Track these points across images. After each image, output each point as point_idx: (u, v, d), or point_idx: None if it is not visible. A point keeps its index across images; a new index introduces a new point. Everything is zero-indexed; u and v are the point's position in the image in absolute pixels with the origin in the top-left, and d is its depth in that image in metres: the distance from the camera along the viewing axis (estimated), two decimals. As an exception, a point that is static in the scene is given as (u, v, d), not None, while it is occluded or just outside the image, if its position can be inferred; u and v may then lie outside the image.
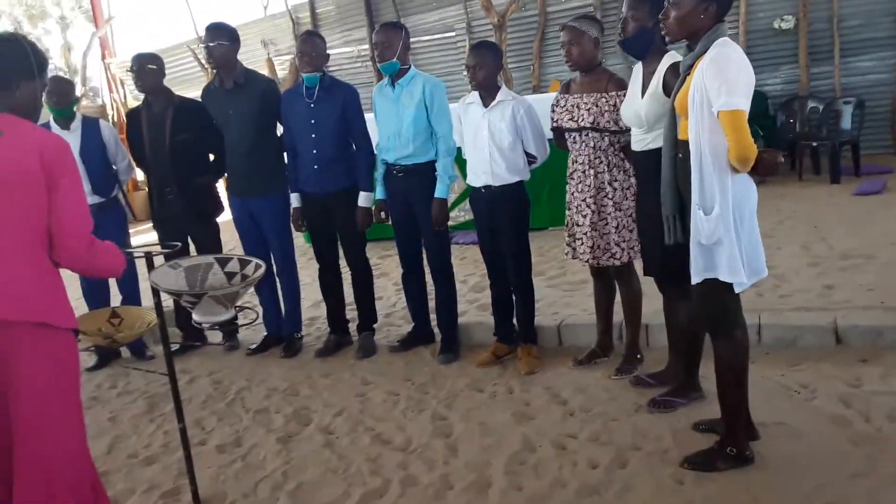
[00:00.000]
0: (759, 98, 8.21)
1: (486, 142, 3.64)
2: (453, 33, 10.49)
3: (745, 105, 2.31)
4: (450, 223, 6.67)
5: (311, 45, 3.92)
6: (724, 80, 2.31)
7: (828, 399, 3.01)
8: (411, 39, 11.09)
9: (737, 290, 2.49)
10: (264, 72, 11.21)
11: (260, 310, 4.16)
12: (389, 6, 10.79)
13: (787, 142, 8.41)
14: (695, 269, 2.52)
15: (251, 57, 11.84)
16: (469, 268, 5.51)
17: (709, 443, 2.71)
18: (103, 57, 12.68)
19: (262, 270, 2.61)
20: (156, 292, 2.54)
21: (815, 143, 7.83)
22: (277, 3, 11.98)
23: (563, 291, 4.80)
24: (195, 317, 2.52)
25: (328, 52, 4.11)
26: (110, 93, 12.24)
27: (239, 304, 2.65)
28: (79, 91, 11.98)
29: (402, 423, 3.26)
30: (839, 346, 3.51)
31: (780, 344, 3.60)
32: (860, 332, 3.50)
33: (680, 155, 2.59)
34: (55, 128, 4.30)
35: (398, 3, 10.74)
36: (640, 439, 2.88)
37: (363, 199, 3.97)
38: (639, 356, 3.59)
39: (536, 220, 6.13)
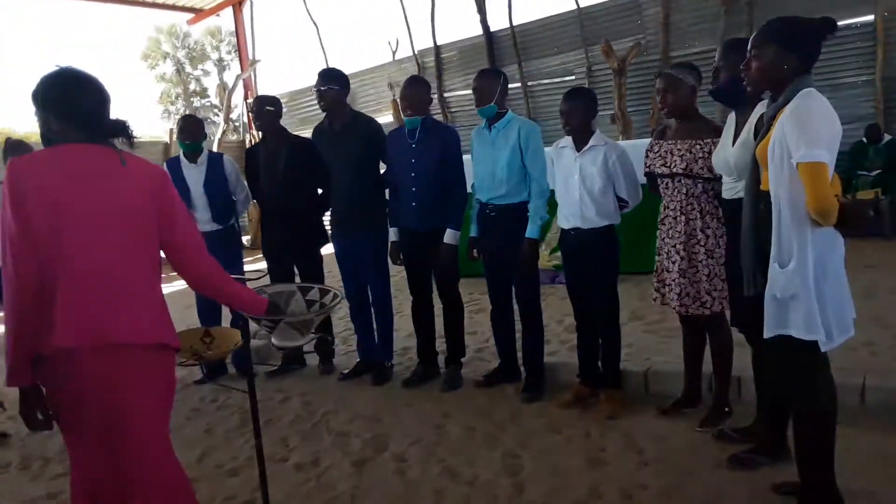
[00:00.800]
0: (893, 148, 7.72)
1: (577, 185, 3.66)
2: (573, 77, 10.58)
3: (826, 157, 2.23)
4: (556, 262, 6.72)
5: (411, 90, 4.11)
6: (804, 131, 2.24)
7: (930, 472, 2.78)
8: (531, 83, 11.35)
9: (822, 349, 2.37)
10: (389, 112, 11.72)
11: (338, 338, 4.30)
12: (511, 51, 11.04)
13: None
14: (767, 324, 2.43)
15: (378, 98, 12.43)
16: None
17: (787, 506, 2.57)
18: (246, 97, 13.69)
19: (338, 300, 2.75)
20: (240, 316, 2.73)
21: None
22: (405, 48, 12.53)
23: (659, 337, 4.69)
24: (273, 341, 2.69)
25: (444, 94, 4.29)
26: (249, 129, 13.16)
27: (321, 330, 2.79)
28: (222, 128, 13.02)
29: (474, 458, 3.29)
30: (952, 415, 3.23)
31: (885, 408, 3.34)
32: (978, 402, 3.21)
33: (762, 205, 2.52)
34: (184, 161, 4.72)
35: (520, 48, 10.96)
36: (714, 497, 2.77)
37: (449, 236, 4.08)
38: (727, 409, 3.44)
39: (643, 263, 6.03)
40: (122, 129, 2.13)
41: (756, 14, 8.94)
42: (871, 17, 8.44)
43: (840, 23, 8.62)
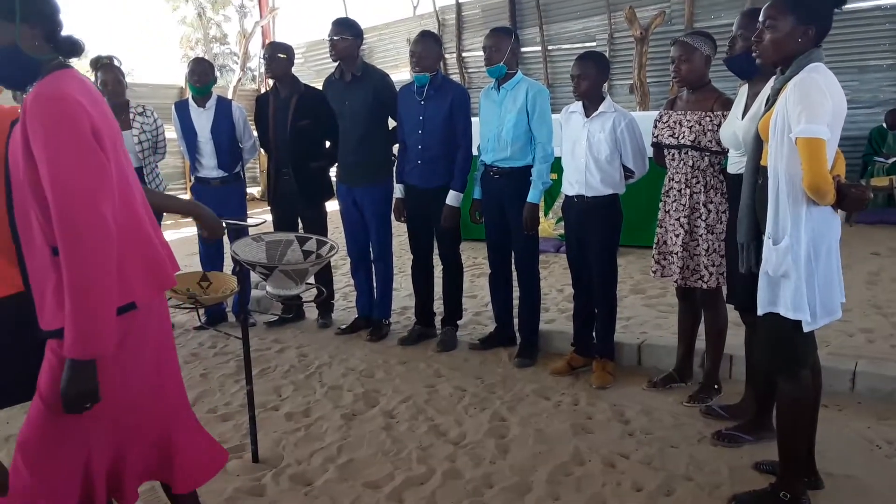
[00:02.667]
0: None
1: (584, 152, 3.62)
2: (595, 43, 10.40)
3: (825, 134, 2.19)
4: (562, 232, 6.69)
5: (422, 45, 4.06)
6: (806, 105, 2.20)
7: (912, 460, 2.78)
8: (552, 47, 11.18)
9: (805, 329, 2.35)
10: (407, 68, 11.60)
11: (339, 293, 4.32)
12: (533, 12, 10.87)
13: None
14: (760, 301, 2.41)
15: (396, 54, 12.30)
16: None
17: (766, 485, 2.58)
18: (263, 45, 13.55)
19: (334, 252, 2.75)
20: (236, 262, 2.75)
21: None
22: (426, 3, 12.34)
23: (658, 312, 4.70)
24: (268, 288, 2.71)
25: (463, 54, 4.22)
26: (265, 77, 13.06)
27: (310, 281, 2.80)
28: (238, 76, 12.93)
29: (462, 419, 3.32)
30: (942, 406, 3.22)
31: (875, 395, 3.34)
32: (969, 394, 3.20)
33: (760, 181, 2.49)
34: (193, 105, 4.71)
35: (542, 10, 10.78)
36: (695, 470, 2.79)
37: (452, 197, 4.06)
38: (716, 386, 3.45)
39: (648, 237, 5.98)
40: (79, 48, 1.80)
41: (786, -12, 8.72)
42: (903, -2, 8.23)
43: (869, 4, 8.47)
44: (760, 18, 2.43)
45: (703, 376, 3.52)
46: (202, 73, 4.68)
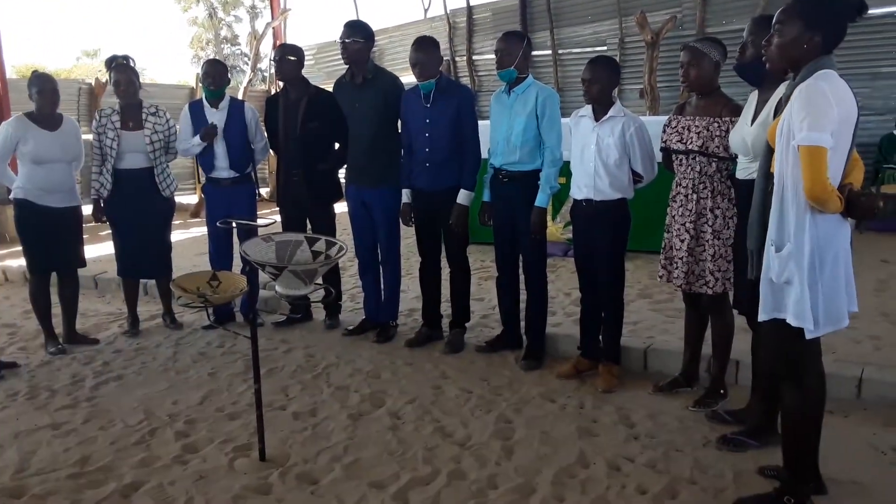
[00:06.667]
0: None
1: (593, 156, 3.64)
2: (605, 47, 10.41)
3: (826, 142, 2.19)
4: (570, 236, 6.69)
5: (422, 54, 4.09)
6: (809, 112, 2.20)
7: (918, 467, 2.78)
8: (562, 51, 11.16)
9: (807, 337, 2.36)
10: (417, 71, 11.62)
11: (346, 295, 4.34)
12: (544, 16, 10.88)
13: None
14: (762, 307, 2.42)
15: (408, 56, 12.32)
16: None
17: (770, 490, 2.59)
18: (275, 46, 13.60)
19: (343, 252, 2.78)
20: (246, 262, 2.78)
21: None
22: (437, 6, 12.37)
23: (665, 317, 4.70)
24: (277, 288, 2.73)
25: (473, 57, 4.23)
26: (276, 79, 13.12)
27: (319, 282, 2.83)
28: (249, 76, 12.99)
29: (467, 420, 3.34)
30: (949, 413, 3.22)
31: (882, 402, 3.35)
32: (976, 402, 3.19)
33: (769, 187, 2.49)
34: (206, 106, 4.74)
35: (553, 14, 10.79)
36: (699, 474, 2.80)
37: (462, 196, 4.08)
38: (722, 391, 3.46)
39: (656, 242, 5.97)
40: None
41: (797, -7, 8.70)
42: (916, 5, 8.21)
43: (881, 10, 8.45)
44: (772, 23, 2.43)
45: (709, 381, 3.52)
46: (216, 76, 4.71)
